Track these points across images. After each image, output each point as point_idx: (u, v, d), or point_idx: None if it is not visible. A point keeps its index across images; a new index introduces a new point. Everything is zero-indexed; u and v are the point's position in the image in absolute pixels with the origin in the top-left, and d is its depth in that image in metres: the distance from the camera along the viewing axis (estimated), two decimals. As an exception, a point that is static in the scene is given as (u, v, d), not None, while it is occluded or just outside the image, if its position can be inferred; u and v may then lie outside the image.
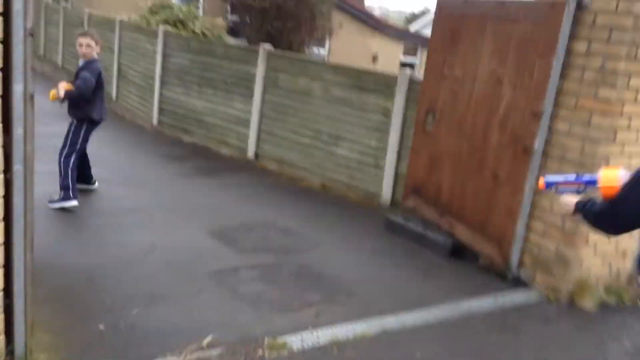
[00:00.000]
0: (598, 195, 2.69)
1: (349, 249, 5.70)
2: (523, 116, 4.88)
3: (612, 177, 2.73)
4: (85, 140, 6.06)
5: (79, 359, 3.37)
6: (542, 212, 4.90)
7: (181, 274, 4.67)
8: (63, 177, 5.85)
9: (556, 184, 2.96)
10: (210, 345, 3.65)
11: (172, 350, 3.53)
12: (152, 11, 15.17)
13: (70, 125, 6.02)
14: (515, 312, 4.64)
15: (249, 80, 8.62)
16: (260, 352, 3.63)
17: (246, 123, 8.75)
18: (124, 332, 3.71)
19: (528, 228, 4.99)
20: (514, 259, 5.05)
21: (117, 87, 11.77)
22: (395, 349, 3.90)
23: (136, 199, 6.49)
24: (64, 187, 5.84)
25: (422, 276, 5.20)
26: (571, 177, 2.96)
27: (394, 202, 7.06)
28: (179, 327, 3.84)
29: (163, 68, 9.99)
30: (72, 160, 5.92)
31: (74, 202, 5.87)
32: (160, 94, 10.06)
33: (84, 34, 6.10)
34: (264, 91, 8.46)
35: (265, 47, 8.48)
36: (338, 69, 7.77)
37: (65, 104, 5.92)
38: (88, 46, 5.91)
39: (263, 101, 8.49)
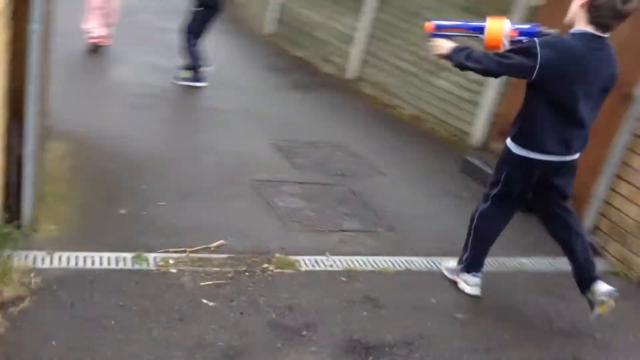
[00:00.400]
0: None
1: (411, 183, 5.33)
2: (630, 58, 4.13)
3: (498, 27, 3.09)
4: (202, 24, 6.42)
5: (87, 235, 3.44)
6: (631, 174, 4.21)
7: (224, 178, 4.62)
8: (189, 59, 6.43)
9: (445, 27, 3.21)
10: (218, 249, 3.58)
11: (179, 246, 3.51)
12: None
13: (191, 12, 6.43)
14: (570, 279, 4.11)
15: (355, -6, 8.17)
16: (265, 266, 3.50)
17: (352, 41, 8.38)
18: (142, 220, 3.75)
19: (610, 189, 4.32)
20: (588, 222, 4.44)
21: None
22: (410, 290, 3.60)
23: (221, 101, 6.47)
24: (192, 68, 6.46)
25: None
26: (459, 23, 3.23)
27: (485, 144, 6.47)
28: (198, 226, 3.81)
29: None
30: (193, 43, 6.41)
31: (203, 84, 6.54)
32: (281, 4, 9.89)
33: None
34: (376, 8, 7.97)
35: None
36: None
37: None
38: None
39: (373, 19, 8.03)
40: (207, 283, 3.23)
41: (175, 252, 3.46)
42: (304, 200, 4.54)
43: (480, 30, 3.11)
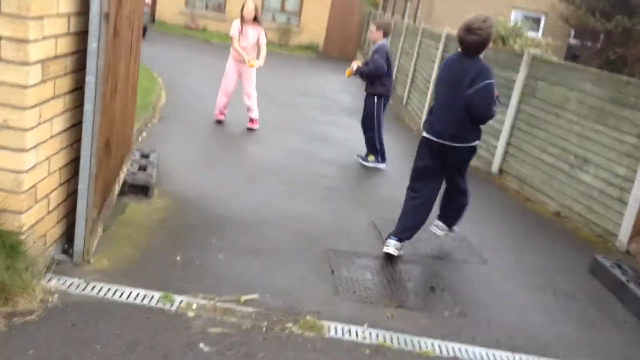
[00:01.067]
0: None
1: (514, 276, 4.77)
2: None
3: None
4: (379, 110, 7.18)
5: (131, 272, 3.61)
6: None
7: (301, 244, 4.59)
8: (373, 144, 7.25)
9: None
10: (248, 303, 3.52)
11: (210, 294, 3.52)
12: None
13: (366, 99, 7.28)
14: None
15: (508, 87, 7.88)
16: (287, 325, 3.34)
17: (497, 134, 8.02)
18: (190, 268, 3.85)
19: None
20: None
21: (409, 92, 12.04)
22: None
23: (340, 180, 6.55)
24: (376, 152, 7.28)
25: (585, 330, 4.01)
26: None
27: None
28: (242, 280, 3.80)
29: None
30: (375, 130, 7.23)
31: (383, 166, 7.30)
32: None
33: (373, 23, 7.40)
34: (520, 100, 7.62)
35: (530, 51, 7.64)
36: (599, 77, 6.51)
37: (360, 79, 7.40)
38: (371, 32, 7.25)
39: (517, 111, 7.67)
40: (215, 330, 3.16)
41: (204, 298, 3.46)
42: (374, 274, 4.29)
43: None
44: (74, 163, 3.47)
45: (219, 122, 8.08)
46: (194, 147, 6.80)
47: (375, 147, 7.32)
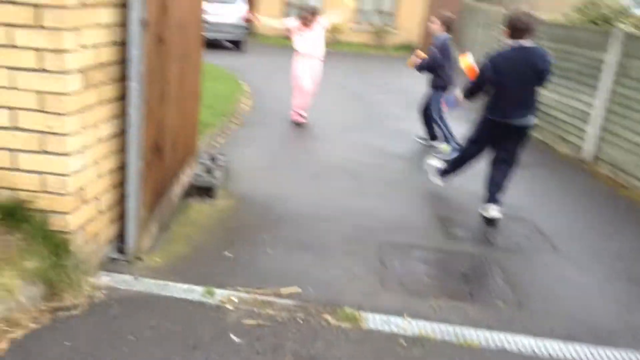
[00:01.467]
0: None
1: (588, 265, 4.45)
2: None
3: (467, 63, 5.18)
4: (436, 103, 7.21)
5: (180, 269, 3.76)
6: None
7: (355, 237, 4.55)
8: (442, 135, 7.30)
9: None
10: (288, 296, 3.55)
11: (252, 288, 3.59)
12: (582, 11, 14.20)
13: (428, 91, 7.41)
14: None
15: (596, 68, 7.35)
16: (325, 316, 3.33)
17: (588, 119, 7.49)
18: (238, 263, 3.94)
19: None
20: None
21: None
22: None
23: (407, 175, 6.42)
24: (448, 142, 7.23)
25: None
26: None
27: None
28: (287, 274, 3.83)
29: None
30: (437, 123, 7.30)
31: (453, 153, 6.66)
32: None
33: (436, 16, 7.33)
34: (614, 81, 7.07)
35: (621, 27, 7.08)
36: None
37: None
38: (432, 24, 7.26)
39: (610, 93, 7.12)
40: (249, 322, 3.21)
41: (245, 291, 3.53)
42: (429, 266, 4.17)
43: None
44: (124, 167, 3.66)
45: (298, 124, 8.19)
46: (268, 150, 6.95)
47: (446, 138, 7.28)
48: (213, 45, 15.46)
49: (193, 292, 3.49)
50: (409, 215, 5.14)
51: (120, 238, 3.79)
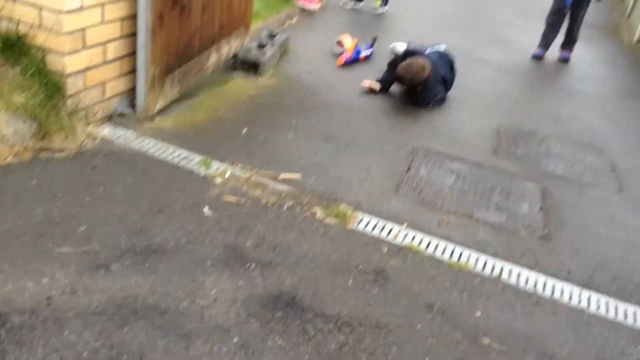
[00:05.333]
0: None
1: None
2: None
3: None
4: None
5: (187, 135, 3.58)
6: None
7: (394, 138, 4.16)
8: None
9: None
10: (286, 181, 3.28)
11: (253, 166, 3.36)
12: None
13: None
14: None
15: None
16: (314, 209, 3.05)
17: None
18: (251, 141, 3.71)
19: None
20: None
21: None
22: (454, 287, 2.61)
23: (494, 86, 5.75)
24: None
25: None
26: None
27: None
28: (298, 161, 3.56)
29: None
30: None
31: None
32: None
33: None
34: None
35: None
36: None
37: None
38: None
39: None
40: (230, 198, 3.00)
41: (243, 169, 3.31)
42: (458, 179, 3.71)
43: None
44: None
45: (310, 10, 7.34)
46: (337, 36, 6.46)
47: None
48: None
49: (189, 160, 3.31)
50: (464, 125, 4.60)
51: (132, 93, 3.64)
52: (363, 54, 5.57)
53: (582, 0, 6.57)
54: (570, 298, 2.72)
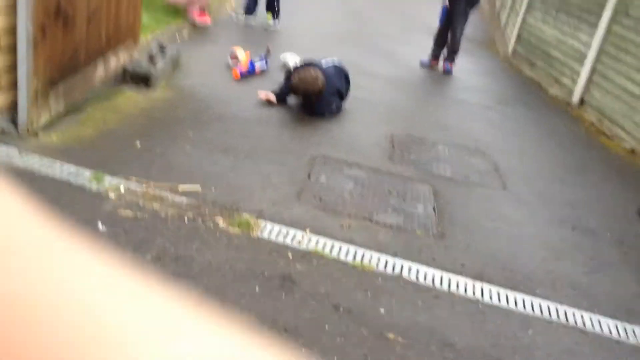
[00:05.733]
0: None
1: (534, 206, 4.08)
2: None
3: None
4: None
5: (75, 150, 3.41)
6: None
7: (291, 148, 4.18)
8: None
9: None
10: (186, 193, 3.20)
11: (149, 179, 3.25)
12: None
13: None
14: None
15: (599, 4, 6.73)
16: (216, 219, 3.00)
17: (582, 59, 6.94)
18: (145, 155, 3.59)
19: None
20: None
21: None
22: (336, 283, 2.66)
23: (384, 97, 5.94)
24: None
25: (590, 272, 3.32)
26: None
27: None
28: (196, 173, 3.48)
29: (533, -10, 8.71)
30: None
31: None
32: (523, 20, 8.83)
33: None
34: (611, 19, 6.48)
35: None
36: None
37: None
38: None
39: (607, 32, 6.54)
40: (126, 213, 2.88)
41: (139, 182, 3.19)
42: (357, 185, 3.80)
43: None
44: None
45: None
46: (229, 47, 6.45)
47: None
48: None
49: (79, 175, 3.15)
50: (360, 133, 4.73)
51: (13, 108, 3.42)
52: (258, 65, 5.58)
53: (457, 17, 7.01)
54: (466, 290, 2.86)
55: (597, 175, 4.95)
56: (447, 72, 7.22)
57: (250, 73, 5.46)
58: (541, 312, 2.81)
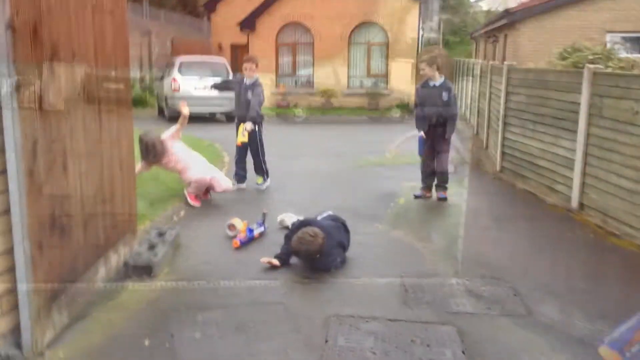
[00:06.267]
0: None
1: (561, 330, 3.87)
2: None
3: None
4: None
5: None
6: None
7: (296, 310, 4.06)
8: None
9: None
10: None
11: None
12: (563, 56, 13.99)
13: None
14: None
15: (573, 111, 6.98)
16: None
17: (570, 165, 7.05)
18: (155, 354, 3.45)
19: None
20: None
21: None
22: None
23: (381, 240, 5.92)
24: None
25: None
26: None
27: None
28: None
29: (506, 108, 9.06)
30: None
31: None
32: (504, 137, 9.10)
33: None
34: (588, 123, 6.68)
35: (589, 67, 6.75)
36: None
37: None
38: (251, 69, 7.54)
39: (587, 136, 6.71)
40: None
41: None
42: (377, 340, 3.65)
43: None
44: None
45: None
46: (226, 218, 6.52)
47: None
48: (206, 119, 15.53)
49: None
50: (370, 279, 4.64)
51: (16, 331, 3.34)
52: (257, 232, 5.61)
53: (439, 144, 7.16)
54: None
55: (620, 280, 4.80)
56: (442, 199, 7.27)
57: (249, 240, 5.47)
58: None
